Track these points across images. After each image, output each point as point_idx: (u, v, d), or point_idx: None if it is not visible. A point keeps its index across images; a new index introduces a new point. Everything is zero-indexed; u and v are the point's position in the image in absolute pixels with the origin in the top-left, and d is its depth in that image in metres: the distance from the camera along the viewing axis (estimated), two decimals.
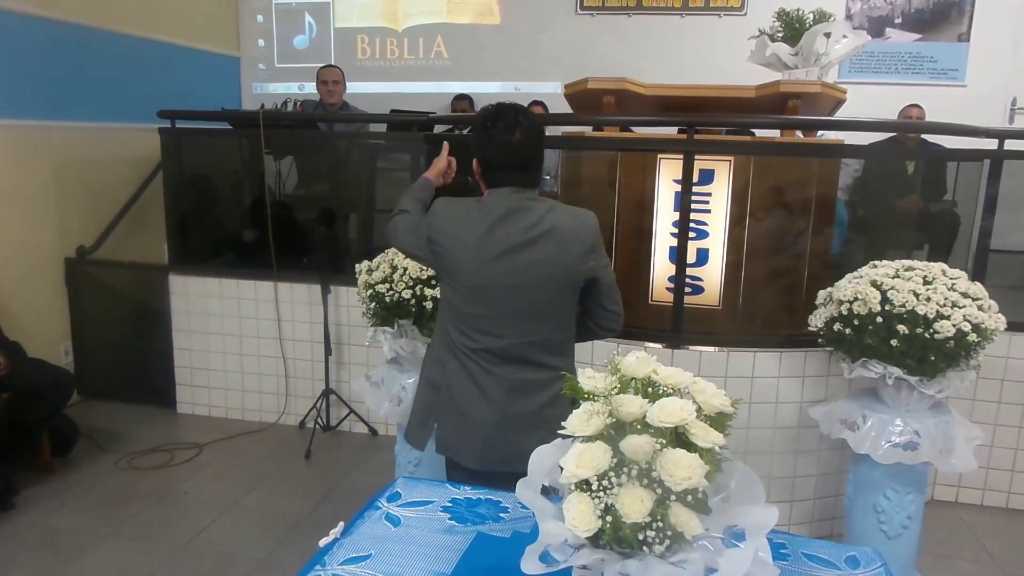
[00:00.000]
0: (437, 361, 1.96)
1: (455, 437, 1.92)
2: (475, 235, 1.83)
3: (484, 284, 1.83)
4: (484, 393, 1.86)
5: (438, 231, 1.88)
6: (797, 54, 3.38)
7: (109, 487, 3.37)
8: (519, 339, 1.85)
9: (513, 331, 1.85)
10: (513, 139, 1.84)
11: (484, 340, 1.86)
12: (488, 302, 1.84)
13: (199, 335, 4.20)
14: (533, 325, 1.86)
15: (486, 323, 1.85)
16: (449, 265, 1.87)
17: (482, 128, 1.89)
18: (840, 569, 1.37)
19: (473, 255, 1.83)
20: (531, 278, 1.82)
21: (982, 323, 2.31)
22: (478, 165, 1.91)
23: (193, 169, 4.38)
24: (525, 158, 1.87)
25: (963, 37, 5.48)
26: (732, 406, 1.24)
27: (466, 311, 1.86)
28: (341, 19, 6.31)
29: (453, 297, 1.89)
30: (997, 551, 3.00)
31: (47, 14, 4.17)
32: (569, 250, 1.84)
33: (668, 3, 5.78)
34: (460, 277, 1.86)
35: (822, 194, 3.20)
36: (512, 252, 1.81)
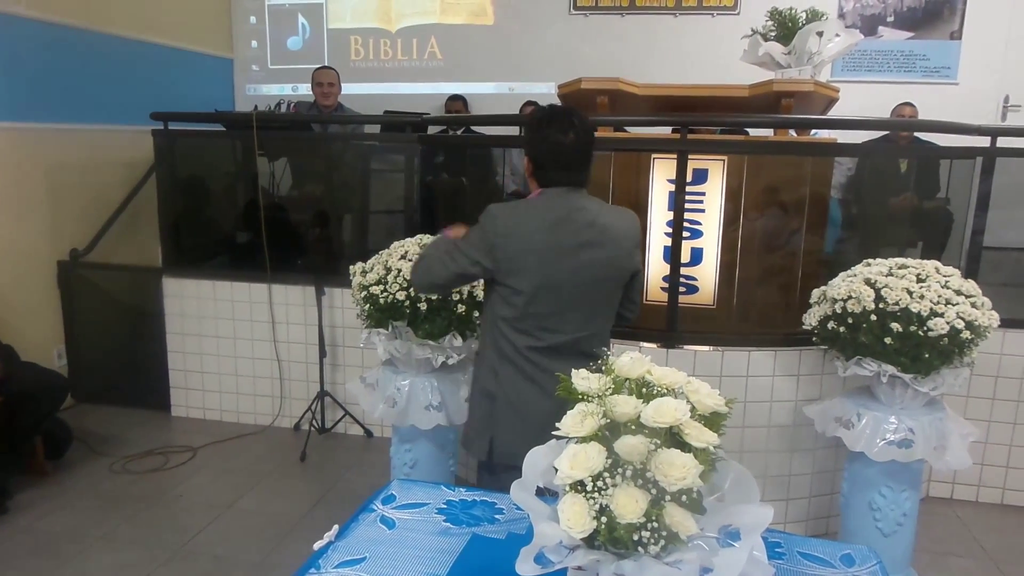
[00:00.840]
0: (490, 371, 2.00)
1: (516, 443, 1.91)
2: (541, 234, 1.89)
3: (552, 281, 1.89)
4: (543, 389, 1.90)
5: (503, 234, 1.90)
6: (790, 53, 3.38)
7: (103, 491, 3.36)
8: (581, 332, 1.95)
9: (576, 326, 1.94)
10: (567, 140, 1.91)
11: (549, 337, 1.93)
12: (556, 299, 1.91)
13: (193, 337, 4.19)
14: (593, 318, 1.97)
15: (553, 320, 1.92)
16: (514, 267, 1.90)
17: (536, 129, 1.95)
18: (835, 567, 1.37)
19: (541, 253, 1.88)
20: (592, 274, 1.93)
21: (975, 320, 2.32)
22: (530, 164, 1.97)
23: (187, 171, 4.37)
24: (577, 159, 1.94)
25: (955, 35, 5.49)
26: (726, 405, 1.24)
27: (531, 311, 1.92)
28: (334, 20, 6.30)
29: (514, 299, 1.92)
30: (992, 547, 3.01)
31: (40, 16, 4.15)
32: (622, 247, 1.97)
33: (661, 3, 5.78)
34: (527, 276, 1.89)
35: (816, 193, 3.21)
36: (576, 249, 1.90)
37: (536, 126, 1.96)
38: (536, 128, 1.95)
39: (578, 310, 1.94)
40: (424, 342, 2.64)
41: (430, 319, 2.59)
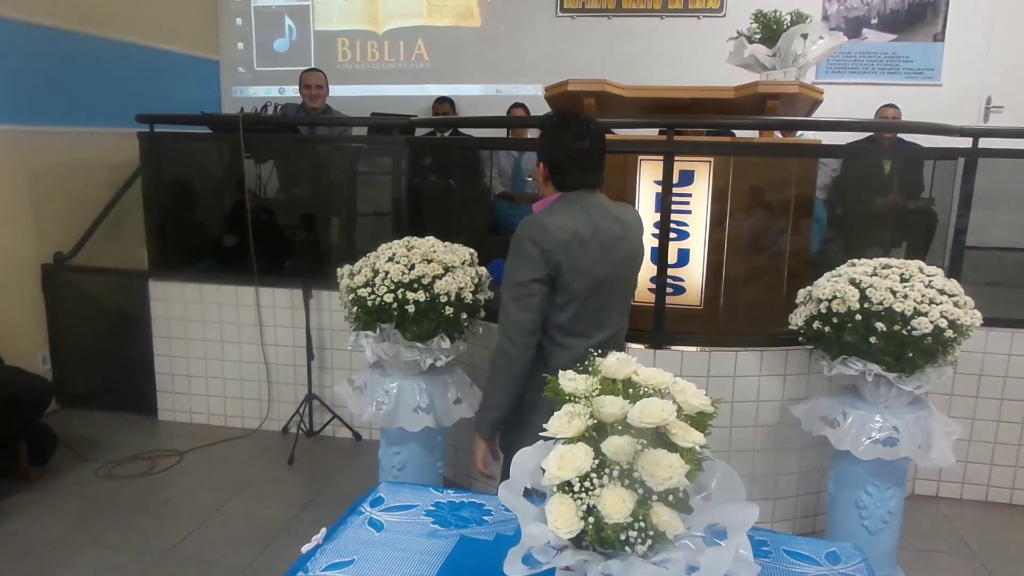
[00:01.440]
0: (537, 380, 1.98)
1: None
2: (588, 231, 1.93)
3: (603, 275, 1.96)
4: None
5: (559, 240, 1.89)
6: (775, 55, 3.41)
7: (89, 496, 3.33)
8: (620, 325, 2.08)
9: (618, 318, 2.06)
10: (584, 145, 1.97)
11: (599, 334, 1.99)
12: (605, 294, 1.98)
13: (180, 341, 4.16)
14: (626, 310, 2.12)
15: (603, 316, 2.00)
16: (572, 269, 1.91)
17: (553, 136, 2.00)
18: (821, 565, 1.38)
19: (591, 253, 1.93)
20: (628, 267, 2.06)
21: (958, 319, 2.35)
22: (546, 170, 2.00)
23: (173, 174, 4.34)
24: (595, 162, 2.00)
25: (938, 37, 5.55)
26: (712, 405, 1.24)
27: (585, 310, 1.96)
28: (321, 22, 6.28)
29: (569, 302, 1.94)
30: (976, 544, 3.04)
31: (23, 17, 4.12)
32: (639, 239, 2.09)
33: (648, 5, 5.81)
34: (583, 276, 1.92)
35: (801, 194, 3.23)
36: (614, 244, 1.97)
37: (553, 133, 2.00)
38: (553, 135, 2.00)
39: (618, 303, 2.05)
40: (412, 344, 2.64)
41: (418, 321, 2.59)
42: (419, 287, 2.56)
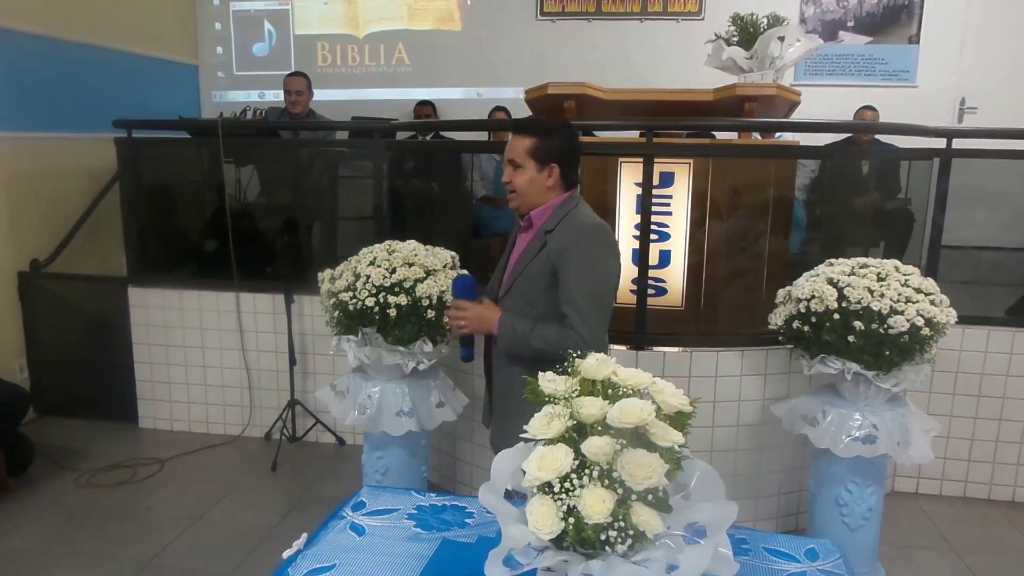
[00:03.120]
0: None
1: None
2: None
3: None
4: None
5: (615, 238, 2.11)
6: (752, 58, 3.44)
7: (68, 505, 3.29)
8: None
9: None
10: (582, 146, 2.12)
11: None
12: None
13: (160, 348, 4.13)
14: None
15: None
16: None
17: (570, 138, 2.08)
18: (800, 562, 1.40)
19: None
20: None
21: (934, 317, 2.38)
22: (561, 170, 2.04)
23: (151, 179, 4.31)
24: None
25: (913, 39, 5.62)
26: (691, 405, 1.25)
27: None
28: (301, 26, 6.26)
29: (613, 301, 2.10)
30: (955, 539, 3.08)
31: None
32: None
33: (627, 8, 5.84)
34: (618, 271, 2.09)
35: (780, 195, 3.26)
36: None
37: (570, 136, 2.08)
38: (570, 137, 2.08)
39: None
40: (394, 348, 2.64)
41: (400, 325, 2.59)
42: (400, 291, 2.56)
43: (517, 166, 2.03)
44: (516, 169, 2.03)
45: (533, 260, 2.03)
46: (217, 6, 6.26)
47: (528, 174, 2.02)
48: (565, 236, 1.99)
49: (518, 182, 2.03)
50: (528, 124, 2.08)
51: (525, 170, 2.02)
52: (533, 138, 2.02)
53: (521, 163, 2.02)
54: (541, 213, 2.06)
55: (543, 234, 2.03)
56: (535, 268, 2.02)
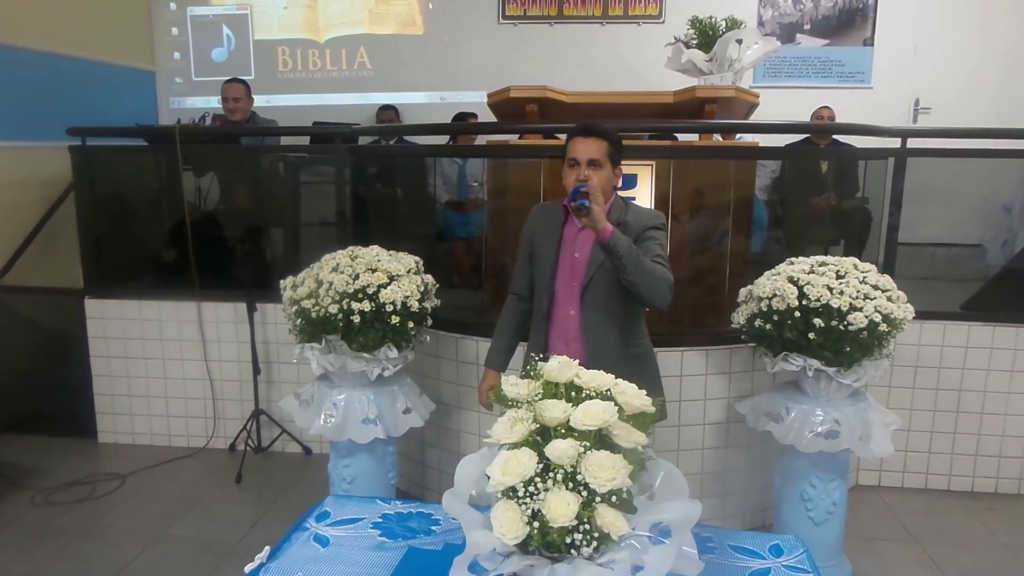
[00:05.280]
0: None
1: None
2: None
3: None
4: None
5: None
6: (711, 60, 3.48)
7: (24, 525, 3.19)
8: None
9: None
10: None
11: None
12: None
13: (119, 360, 4.03)
14: None
15: None
16: None
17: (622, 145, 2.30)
18: (764, 558, 1.41)
19: None
20: None
21: (891, 313, 2.42)
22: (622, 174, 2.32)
23: (108, 188, 4.21)
24: None
25: (868, 42, 5.74)
26: (653, 405, 1.26)
27: None
28: (260, 31, 6.18)
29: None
30: (917, 530, 3.14)
31: None
32: None
33: (589, 12, 5.88)
34: None
35: (741, 195, 3.30)
36: None
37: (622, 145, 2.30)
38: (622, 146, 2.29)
39: None
40: (359, 355, 2.61)
41: (364, 331, 2.56)
42: (364, 297, 2.53)
43: (598, 166, 2.19)
44: (596, 168, 2.20)
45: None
46: (174, 11, 6.16)
47: (605, 174, 2.21)
48: (642, 220, 2.25)
49: (598, 180, 2.17)
50: (603, 129, 2.26)
51: (604, 170, 2.21)
52: (607, 141, 2.22)
53: (602, 163, 2.21)
54: (608, 209, 2.21)
55: (615, 225, 2.17)
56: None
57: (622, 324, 2.28)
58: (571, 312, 2.29)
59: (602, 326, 2.26)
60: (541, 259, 2.34)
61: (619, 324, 2.27)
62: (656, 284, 2.13)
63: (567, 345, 2.29)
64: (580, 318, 2.27)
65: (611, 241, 2.08)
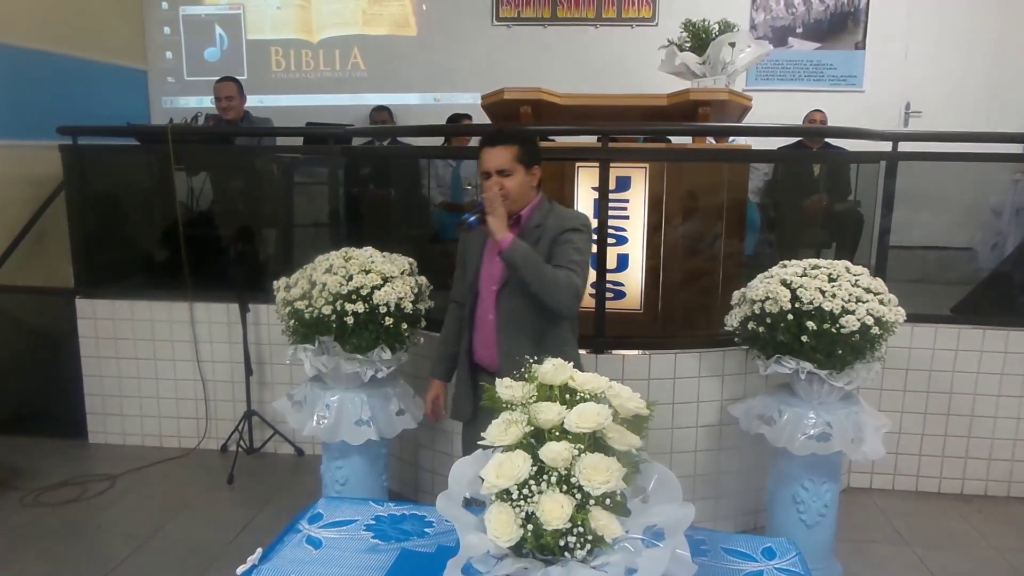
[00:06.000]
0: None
1: None
2: None
3: None
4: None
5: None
6: (705, 63, 3.49)
7: (13, 526, 3.17)
8: None
9: None
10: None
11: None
12: None
13: (110, 361, 4.01)
14: None
15: None
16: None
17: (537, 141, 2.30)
18: (757, 560, 1.41)
19: None
20: None
21: (883, 317, 2.43)
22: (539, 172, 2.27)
23: (99, 187, 4.19)
24: None
25: (859, 45, 5.78)
26: (648, 408, 1.26)
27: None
28: (253, 31, 6.17)
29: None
30: (908, 532, 3.16)
31: None
32: None
33: (582, 14, 5.89)
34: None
35: (734, 198, 3.31)
36: None
37: (535, 141, 2.29)
38: (536, 142, 2.28)
39: None
40: (352, 356, 2.61)
41: (357, 333, 2.55)
42: (358, 298, 2.53)
43: (507, 174, 2.17)
44: (506, 176, 2.17)
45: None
46: (166, 10, 6.14)
47: (518, 179, 2.18)
48: (560, 224, 2.20)
49: (510, 187, 2.17)
50: (508, 134, 2.23)
51: (515, 175, 2.18)
52: (516, 145, 2.19)
53: (511, 170, 2.17)
54: (528, 212, 2.24)
55: (533, 228, 2.21)
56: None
57: (537, 331, 2.22)
58: (489, 316, 2.28)
59: (516, 331, 2.23)
60: (469, 265, 2.36)
61: (533, 330, 2.22)
62: (557, 292, 2.10)
63: (487, 349, 2.30)
64: (496, 322, 2.26)
65: (506, 252, 2.10)
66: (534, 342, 2.19)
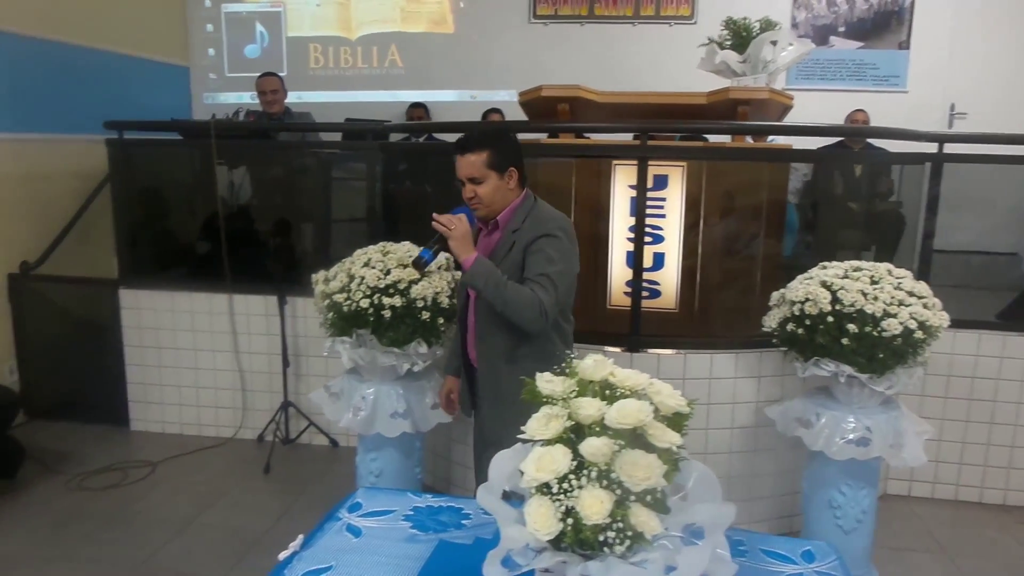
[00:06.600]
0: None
1: None
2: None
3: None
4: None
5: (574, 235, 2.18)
6: (745, 61, 3.45)
7: (58, 509, 3.26)
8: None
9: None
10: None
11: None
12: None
13: (151, 350, 4.10)
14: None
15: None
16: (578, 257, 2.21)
17: (514, 139, 2.25)
18: (796, 563, 1.40)
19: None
20: None
21: (927, 320, 2.39)
22: (517, 173, 2.17)
23: (143, 181, 4.29)
24: None
25: (903, 45, 5.67)
26: (688, 406, 1.26)
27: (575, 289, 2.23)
28: (293, 28, 6.25)
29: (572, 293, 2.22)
30: (947, 542, 3.09)
31: None
32: None
33: (620, 12, 5.86)
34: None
35: (773, 198, 3.28)
36: None
37: (514, 138, 2.25)
38: (515, 140, 2.24)
39: None
40: (389, 349, 2.63)
41: (394, 327, 2.58)
42: (395, 292, 2.55)
43: (479, 181, 2.11)
44: (478, 184, 2.11)
45: (505, 259, 2.12)
46: (208, 7, 6.25)
47: (491, 184, 2.11)
48: (534, 229, 2.10)
49: (484, 194, 2.12)
50: (476, 140, 2.13)
51: (488, 181, 2.11)
52: (486, 151, 2.10)
53: (482, 177, 2.11)
54: (506, 215, 2.17)
55: (510, 234, 2.14)
56: (507, 266, 2.11)
57: (512, 336, 2.14)
58: (471, 318, 2.28)
59: (491, 334, 2.20)
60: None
61: (508, 335, 2.15)
62: (520, 311, 2.02)
63: (473, 348, 2.31)
64: (476, 324, 2.26)
65: (465, 276, 2.09)
66: (508, 350, 2.16)
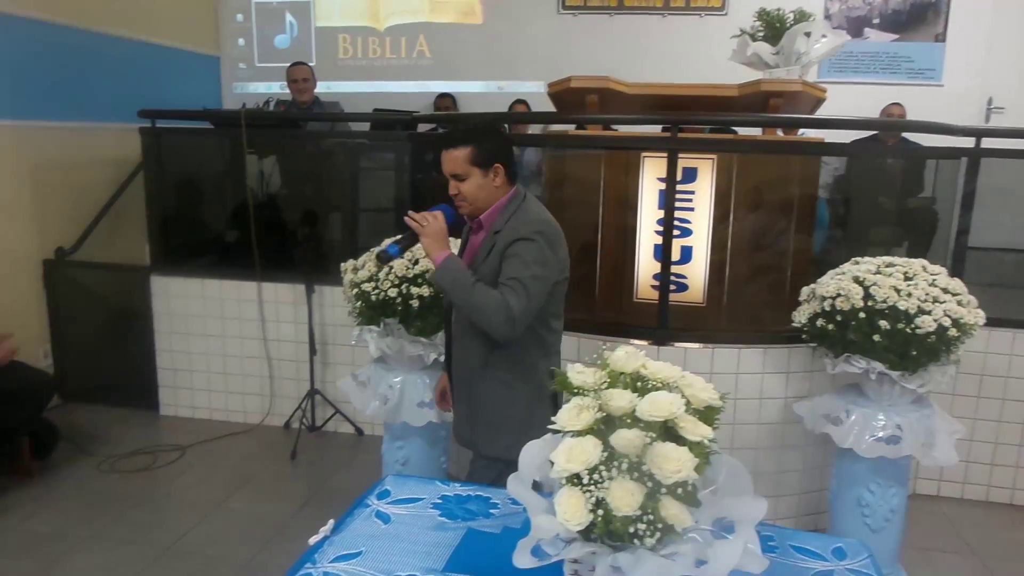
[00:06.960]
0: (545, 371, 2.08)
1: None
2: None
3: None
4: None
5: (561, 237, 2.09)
6: (778, 53, 3.41)
7: (90, 490, 3.33)
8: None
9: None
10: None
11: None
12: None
13: (181, 336, 4.16)
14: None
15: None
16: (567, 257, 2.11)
17: (504, 137, 2.18)
18: (827, 560, 1.39)
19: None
20: None
21: (962, 318, 2.35)
22: (504, 169, 2.07)
23: (175, 169, 4.34)
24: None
25: (939, 37, 5.55)
26: (720, 400, 1.25)
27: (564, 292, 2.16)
28: (322, 18, 6.28)
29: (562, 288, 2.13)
30: (977, 544, 3.05)
31: (25, 13, 4.11)
32: None
33: (650, 3, 5.80)
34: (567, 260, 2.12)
35: (804, 192, 3.24)
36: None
37: (502, 133, 2.21)
38: (503, 135, 2.19)
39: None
40: (416, 339, 2.65)
41: (422, 316, 2.59)
42: (423, 282, 2.56)
43: (462, 178, 2.04)
44: (461, 180, 2.05)
45: (484, 262, 2.05)
46: None
47: (474, 181, 2.04)
48: (514, 232, 2.01)
49: (467, 191, 2.05)
50: (460, 135, 2.07)
51: (471, 178, 2.04)
52: (469, 146, 2.03)
53: (465, 174, 2.04)
54: (490, 215, 2.09)
55: (492, 235, 2.06)
56: (486, 269, 2.04)
57: (486, 342, 2.06)
58: (452, 318, 2.22)
59: (465, 337, 2.14)
60: None
61: (482, 340, 2.07)
62: (487, 316, 1.94)
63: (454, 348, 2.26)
64: (453, 325, 2.21)
65: (434, 275, 2.04)
66: (485, 348, 2.08)
